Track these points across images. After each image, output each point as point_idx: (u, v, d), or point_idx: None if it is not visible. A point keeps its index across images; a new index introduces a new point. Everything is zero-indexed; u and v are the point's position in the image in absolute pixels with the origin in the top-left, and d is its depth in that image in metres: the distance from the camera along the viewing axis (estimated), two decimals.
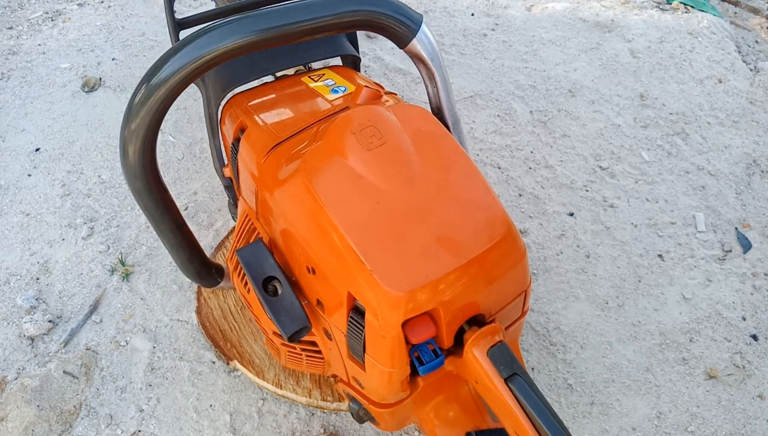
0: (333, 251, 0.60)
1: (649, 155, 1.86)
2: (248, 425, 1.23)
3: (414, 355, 0.60)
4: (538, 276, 1.53)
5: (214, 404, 1.27)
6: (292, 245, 0.69)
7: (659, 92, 2.08)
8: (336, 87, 0.93)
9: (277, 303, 0.66)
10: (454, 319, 0.61)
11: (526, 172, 1.80)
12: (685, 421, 1.28)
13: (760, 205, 1.73)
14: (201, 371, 1.31)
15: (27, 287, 1.47)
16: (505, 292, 0.65)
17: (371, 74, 2.10)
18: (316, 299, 0.67)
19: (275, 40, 0.69)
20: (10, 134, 1.87)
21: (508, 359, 0.58)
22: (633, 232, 1.65)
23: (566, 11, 2.44)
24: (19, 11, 2.39)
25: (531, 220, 1.66)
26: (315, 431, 1.22)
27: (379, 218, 0.60)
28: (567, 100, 2.04)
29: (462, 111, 1.99)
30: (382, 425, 0.73)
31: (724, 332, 1.44)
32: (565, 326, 1.43)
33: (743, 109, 2.02)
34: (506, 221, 0.63)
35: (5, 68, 2.11)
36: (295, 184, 0.65)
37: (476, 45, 2.27)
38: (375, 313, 0.58)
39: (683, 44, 2.28)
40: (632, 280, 1.53)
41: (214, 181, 1.73)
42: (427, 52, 0.80)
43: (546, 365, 1.35)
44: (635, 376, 1.35)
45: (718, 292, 1.51)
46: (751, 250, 1.61)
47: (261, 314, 0.77)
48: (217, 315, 1.37)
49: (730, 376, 1.36)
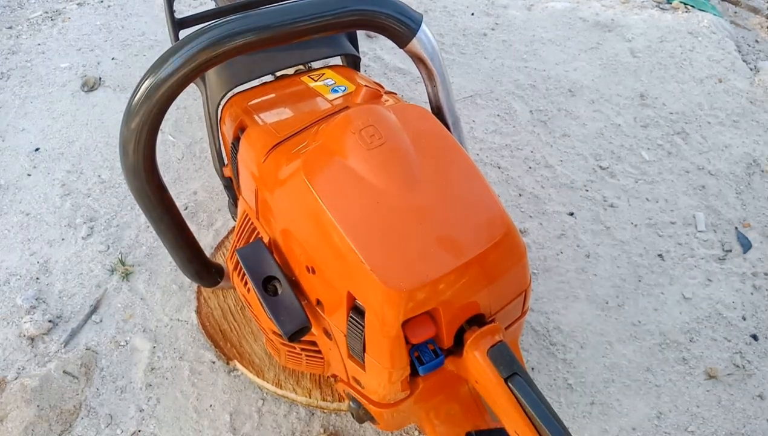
0: (333, 250, 0.60)
1: (649, 155, 1.86)
2: (248, 425, 1.23)
3: (414, 355, 0.60)
4: (538, 276, 1.53)
5: (213, 404, 1.26)
6: (292, 244, 0.69)
7: (659, 92, 2.08)
8: (336, 87, 0.93)
9: (277, 303, 0.66)
10: (454, 319, 0.61)
11: (526, 172, 1.80)
12: (685, 421, 1.28)
13: (760, 204, 1.73)
14: (201, 371, 1.31)
15: (27, 287, 1.47)
16: (505, 291, 0.65)
17: (371, 74, 2.10)
18: (315, 299, 0.67)
19: (275, 39, 0.69)
20: (10, 134, 1.87)
21: (508, 358, 0.58)
22: (633, 231, 1.65)
23: (566, 11, 2.44)
24: (19, 11, 2.39)
25: (531, 220, 1.66)
26: (315, 431, 1.22)
27: (379, 218, 0.60)
28: (567, 100, 2.04)
29: (462, 111, 1.99)
30: (382, 424, 0.73)
31: (724, 332, 1.44)
32: (565, 325, 1.43)
33: (743, 109, 2.02)
34: (506, 221, 0.63)
35: (5, 68, 2.11)
36: (295, 184, 0.65)
37: (476, 44, 2.27)
38: (375, 312, 0.58)
39: (683, 44, 2.28)
40: (632, 280, 1.53)
41: (214, 180, 1.73)
42: (427, 51, 0.80)
43: (546, 364, 1.35)
44: (635, 376, 1.35)
45: (718, 292, 1.51)
46: (751, 250, 1.61)
47: (261, 313, 0.77)
48: (217, 315, 1.37)
49: (730, 376, 1.36)
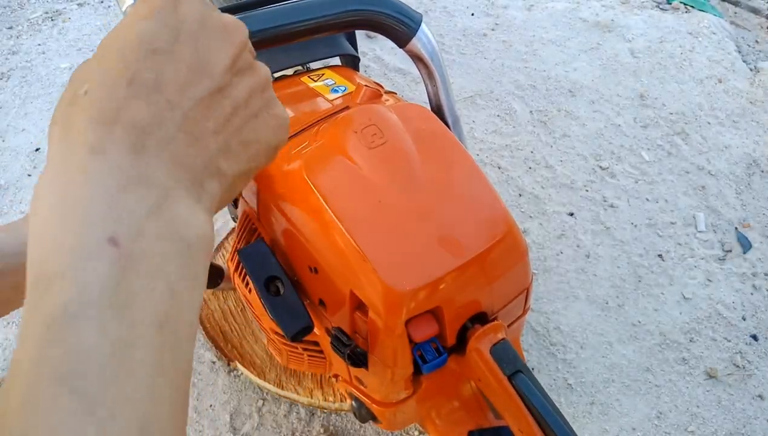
0: (335, 249, 0.60)
1: (649, 155, 1.86)
2: (248, 425, 1.23)
3: (417, 353, 0.60)
4: (538, 276, 1.53)
5: (213, 403, 1.26)
6: (294, 244, 0.69)
7: (659, 92, 2.08)
8: (336, 86, 0.92)
9: (279, 303, 0.65)
10: (457, 317, 0.61)
11: (526, 172, 1.80)
12: (685, 421, 1.28)
13: (760, 205, 1.73)
14: (201, 371, 1.31)
15: None
16: (507, 290, 0.65)
17: (371, 74, 2.10)
18: (318, 299, 0.67)
19: (274, 39, 0.69)
20: (10, 134, 1.87)
21: (512, 356, 0.58)
22: (633, 232, 1.65)
23: (566, 11, 2.45)
24: (19, 11, 2.39)
25: (531, 220, 1.66)
26: (315, 431, 1.22)
27: (381, 217, 0.60)
28: (567, 100, 2.04)
29: (462, 111, 1.99)
30: (384, 424, 0.73)
31: (724, 332, 1.44)
32: (565, 325, 1.43)
33: (743, 109, 2.02)
34: (508, 219, 0.63)
35: (5, 68, 2.11)
36: (297, 184, 0.65)
37: (476, 45, 2.27)
38: (378, 311, 0.58)
39: (683, 44, 2.28)
40: (632, 280, 1.53)
41: None
42: (427, 51, 0.80)
43: (546, 364, 1.35)
44: (635, 376, 1.35)
45: (718, 292, 1.52)
46: (751, 250, 1.61)
47: (262, 314, 0.77)
48: (218, 316, 1.37)
49: (730, 376, 1.36)
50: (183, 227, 0.29)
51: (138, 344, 0.25)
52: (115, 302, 0.25)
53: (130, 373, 0.24)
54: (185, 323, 0.28)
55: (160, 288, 0.27)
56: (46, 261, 0.26)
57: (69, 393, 0.22)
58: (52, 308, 0.24)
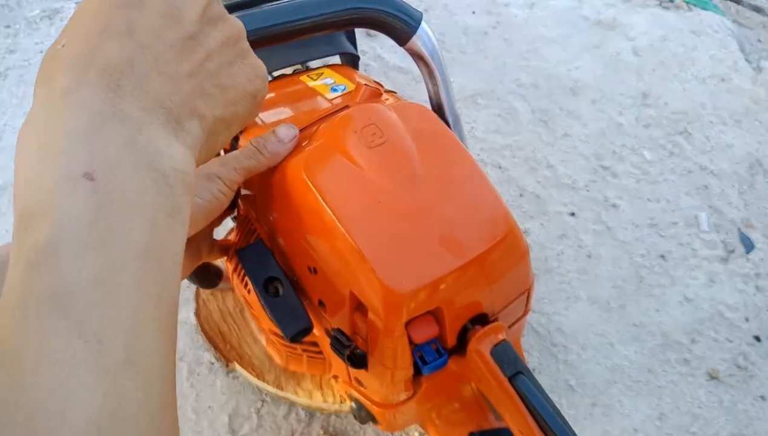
0: (335, 249, 0.60)
1: (651, 155, 1.85)
2: (247, 426, 1.23)
3: (417, 355, 0.59)
4: (539, 277, 1.52)
5: (212, 405, 1.26)
6: (293, 244, 0.68)
7: (662, 91, 2.07)
8: (335, 85, 0.92)
9: (279, 304, 0.65)
10: (458, 318, 0.60)
11: (527, 172, 1.79)
12: (687, 422, 1.27)
13: (763, 205, 1.72)
14: (199, 372, 1.31)
15: None
16: (507, 291, 0.65)
17: (371, 73, 2.09)
18: (317, 299, 0.66)
19: (273, 38, 0.68)
20: (8, 133, 1.87)
21: (512, 357, 0.57)
22: (635, 232, 1.64)
23: (568, 9, 2.43)
24: (17, 9, 2.39)
25: (532, 220, 1.65)
26: (314, 432, 1.22)
27: (381, 217, 0.59)
28: (569, 99, 2.03)
29: (463, 110, 1.98)
30: (384, 425, 0.72)
31: (726, 333, 1.43)
32: (567, 326, 1.42)
33: (746, 109, 2.01)
34: (508, 219, 0.63)
35: (2, 67, 2.10)
36: (296, 184, 0.65)
37: (477, 43, 2.26)
38: (377, 312, 0.57)
39: (686, 43, 2.27)
40: (634, 280, 1.53)
41: None
42: (428, 49, 0.80)
43: (547, 366, 1.35)
44: (637, 377, 1.34)
45: (721, 292, 1.51)
46: (754, 250, 1.60)
47: (262, 315, 0.77)
48: (216, 317, 1.36)
49: (732, 377, 1.35)
50: (158, 157, 0.30)
51: (120, 271, 0.26)
52: (95, 234, 0.26)
53: (113, 297, 0.25)
54: (169, 253, 0.30)
55: (138, 219, 0.28)
56: (27, 199, 0.27)
57: (56, 315, 0.24)
58: (33, 243, 0.26)
